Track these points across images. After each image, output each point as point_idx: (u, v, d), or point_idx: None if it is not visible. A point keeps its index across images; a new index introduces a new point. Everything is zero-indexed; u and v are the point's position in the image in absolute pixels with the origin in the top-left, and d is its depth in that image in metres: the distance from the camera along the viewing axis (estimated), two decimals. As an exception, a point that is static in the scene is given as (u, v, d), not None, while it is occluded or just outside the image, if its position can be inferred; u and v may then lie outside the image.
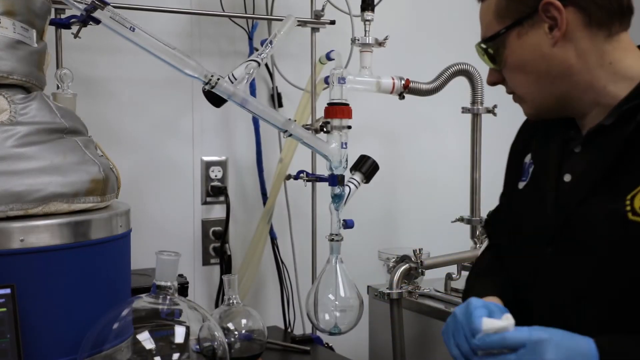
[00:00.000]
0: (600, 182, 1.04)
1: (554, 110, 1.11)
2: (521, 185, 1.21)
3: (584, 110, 1.09)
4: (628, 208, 0.99)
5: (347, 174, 1.84)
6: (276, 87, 2.18)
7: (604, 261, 1.03)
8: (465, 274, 1.84)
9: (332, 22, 2.03)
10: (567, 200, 1.08)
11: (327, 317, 1.78)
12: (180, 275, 1.82)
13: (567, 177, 1.10)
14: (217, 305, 2.04)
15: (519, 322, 1.02)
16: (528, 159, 1.22)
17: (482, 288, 1.20)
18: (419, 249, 1.90)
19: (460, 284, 1.94)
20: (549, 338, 0.93)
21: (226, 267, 2.05)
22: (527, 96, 1.11)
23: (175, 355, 1.18)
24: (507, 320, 0.97)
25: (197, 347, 1.41)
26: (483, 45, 1.12)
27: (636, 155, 1.01)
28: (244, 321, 1.58)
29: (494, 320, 0.97)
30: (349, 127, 1.80)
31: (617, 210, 1.00)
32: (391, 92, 1.99)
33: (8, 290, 1.09)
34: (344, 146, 1.78)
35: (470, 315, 1.00)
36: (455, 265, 1.97)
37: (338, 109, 1.79)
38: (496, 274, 1.25)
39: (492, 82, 1.15)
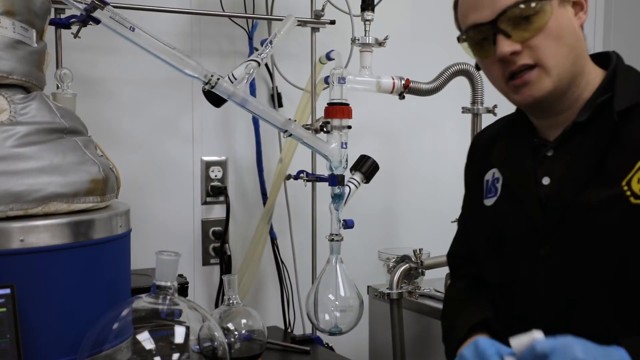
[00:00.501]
0: (591, 175, 1.06)
1: (561, 91, 1.10)
2: (489, 202, 1.22)
3: (568, 103, 1.12)
4: (628, 193, 1.02)
5: (347, 174, 1.84)
6: (276, 87, 2.18)
7: (607, 251, 1.04)
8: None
9: (332, 22, 2.03)
10: (557, 200, 1.09)
11: (327, 317, 1.78)
12: (180, 275, 1.81)
13: (546, 180, 1.12)
14: (217, 305, 2.04)
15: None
16: (490, 176, 1.24)
17: (468, 319, 1.20)
18: (419, 249, 1.90)
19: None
20: (575, 341, 0.92)
21: (226, 267, 2.05)
22: (555, 68, 1.07)
23: (175, 356, 1.17)
24: (535, 332, 0.96)
25: (197, 347, 1.41)
26: (528, 4, 1.05)
27: (622, 143, 1.05)
28: (244, 321, 1.58)
29: (521, 337, 0.96)
30: (349, 127, 1.80)
31: (617, 196, 1.02)
32: (391, 92, 1.99)
33: (8, 290, 1.09)
34: (344, 146, 1.78)
35: (484, 356, 0.98)
36: (455, 265, 1.97)
37: (338, 109, 1.79)
38: (478, 302, 1.24)
39: (510, 51, 1.07)
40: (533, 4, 1.05)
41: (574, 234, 1.08)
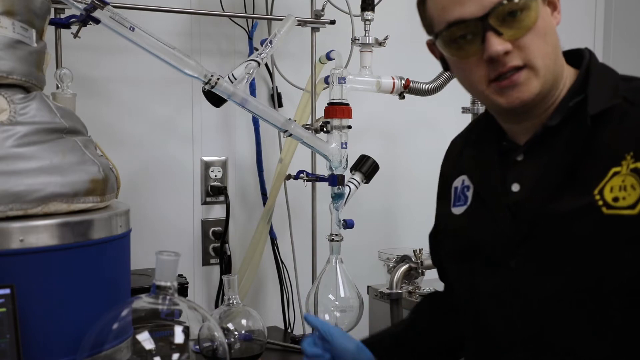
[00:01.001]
0: (563, 182, 1.00)
1: (544, 94, 1.03)
2: (458, 210, 1.16)
3: (546, 106, 1.05)
4: (600, 203, 0.96)
5: (347, 174, 1.84)
6: (276, 87, 2.18)
7: (580, 262, 0.98)
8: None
9: (332, 22, 2.03)
10: (527, 208, 1.03)
11: (327, 317, 1.77)
12: (180, 276, 1.81)
13: (516, 187, 1.06)
14: (217, 306, 2.04)
15: (484, 350, 1.09)
16: (459, 183, 1.18)
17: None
18: (419, 249, 1.90)
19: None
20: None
21: (226, 267, 2.05)
22: (543, 69, 1.01)
23: (175, 356, 1.17)
24: None
25: (197, 347, 1.41)
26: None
27: (594, 148, 0.99)
28: (244, 321, 1.58)
29: None
30: (349, 127, 1.80)
31: (589, 205, 0.97)
32: (391, 92, 1.99)
33: (7, 291, 1.09)
34: (344, 146, 1.78)
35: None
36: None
37: (338, 109, 1.80)
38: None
39: (503, 50, 0.98)
40: (523, 1, 0.98)
41: (546, 244, 1.01)
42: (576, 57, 1.09)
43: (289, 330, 2.10)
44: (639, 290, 0.95)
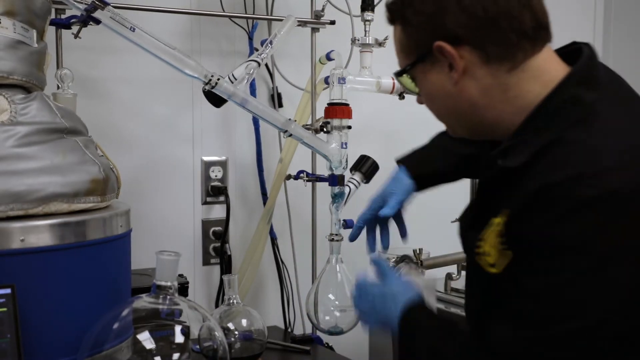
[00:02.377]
0: (478, 210, 1.06)
1: (474, 136, 1.10)
2: None
3: (504, 138, 1.01)
4: (479, 249, 1.00)
5: (347, 174, 1.84)
6: (276, 87, 2.18)
7: (473, 286, 1.13)
8: (464, 274, 1.84)
9: (332, 22, 2.03)
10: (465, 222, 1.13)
11: (327, 317, 1.78)
12: (180, 275, 1.82)
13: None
14: (217, 305, 2.04)
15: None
16: None
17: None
18: (419, 249, 1.90)
19: (460, 283, 1.94)
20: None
21: (226, 267, 2.05)
22: (445, 124, 1.14)
23: (175, 355, 1.18)
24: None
25: (197, 347, 1.41)
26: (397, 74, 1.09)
27: (501, 189, 0.97)
28: (244, 321, 1.58)
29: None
30: (349, 127, 1.80)
31: (474, 245, 1.01)
32: (391, 92, 1.99)
33: (8, 290, 1.09)
34: (344, 146, 1.78)
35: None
36: (455, 265, 1.97)
37: (338, 109, 1.80)
38: None
39: (419, 103, 1.14)
40: (398, 77, 1.08)
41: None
42: (573, 55, 1.01)
43: (289, 330, 2.10)
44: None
